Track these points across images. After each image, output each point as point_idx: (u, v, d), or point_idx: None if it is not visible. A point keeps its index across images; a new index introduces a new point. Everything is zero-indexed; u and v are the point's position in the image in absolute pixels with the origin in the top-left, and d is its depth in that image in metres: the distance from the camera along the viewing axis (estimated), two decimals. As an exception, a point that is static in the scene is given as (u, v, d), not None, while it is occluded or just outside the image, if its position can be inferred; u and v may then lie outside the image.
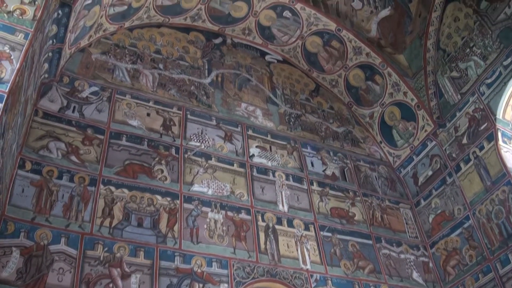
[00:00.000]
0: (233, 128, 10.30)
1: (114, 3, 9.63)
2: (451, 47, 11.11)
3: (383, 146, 12.10)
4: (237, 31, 12.14)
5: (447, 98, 11.08)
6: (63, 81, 8.94)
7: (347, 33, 11.82)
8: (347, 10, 11.90)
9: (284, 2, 11.56)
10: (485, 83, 10.24)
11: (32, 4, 6.54)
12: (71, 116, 8.56)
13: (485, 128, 10.12)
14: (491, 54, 10.20)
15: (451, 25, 11.09)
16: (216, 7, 11.54)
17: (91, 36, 9.69)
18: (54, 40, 8.03)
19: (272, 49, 12.54)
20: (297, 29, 12.07)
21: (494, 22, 10.18)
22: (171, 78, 10.43)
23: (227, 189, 9.12)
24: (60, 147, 8.03)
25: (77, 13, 8.40)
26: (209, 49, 11.63)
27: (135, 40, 10.65)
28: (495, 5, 10.17)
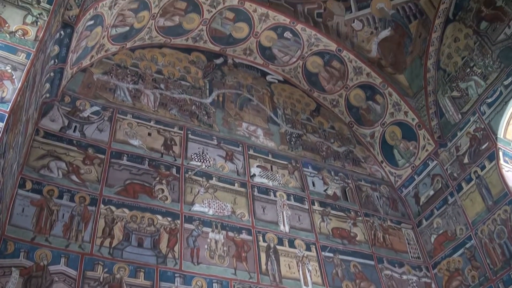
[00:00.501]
0: (234, 147, 10.29)
1: (116, 24, 9.71)
2: (451, 67, 11.14)
3: (385, 166, 12.07)
4: (238, 51, 12.21)
5: (448, 118, 11.08)
6: (65, 101, 8.97)
7: (347, 54, 11.88)
8: (347, 31, 11.98)
9: (284, 23, 11.64)
10: (486, 102, 10.25)
11: (34, 25, 6.60)
12: (72, 135, 8.56)
13: (486, 148, 10.10)
14: (491, 74, 10.22)
15: (451, 45, 11.14)
16: (217, 28, 11.62)
17: (93, 56, 9.74)
18: (56, 60, 8.08)
19: (273, 69, 12.60)
20: (297, 49, 12.14)
21: (494, 42, 10.23)
22: (172, 98, 10.46)
23: (228, 209, 9.08)
24: (61, 166, 8.02)
25: (79, 33, 8.47)
26: (210, 69, 11.68)
27: (136, 61, 10.70)
28: (495, 26, 10.23)
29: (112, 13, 9.26)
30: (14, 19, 6.54)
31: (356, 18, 11.94)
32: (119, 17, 9.64)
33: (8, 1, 6.59)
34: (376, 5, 11.79)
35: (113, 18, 9.44)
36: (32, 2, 6.71)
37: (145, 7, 10.00)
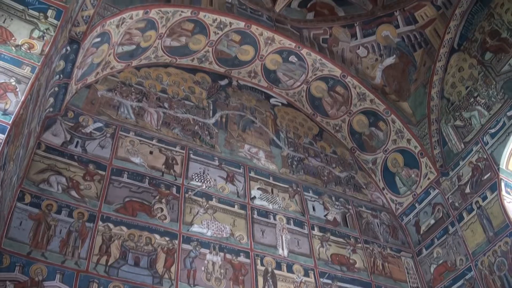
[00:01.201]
0: (235, 169, 10.26)
1: (122, 42, 9.78)
2: (455, 96, 11.16)
3: (386, 193, 12.01)
4: (243, 73, 12.26)
5: (451, 147, 11.06)
6: (68, 116, 8.97)
7: (351, 79, 11.92)
8: (352, 57, 12.05)
9: (290, 47, 11.71)
10: (489, 132, 10.23)
11: (41, 39, 6.63)
12: (73, 151, 8.55)
13: (489, 178, 10.04)
14: (495, 104, 10.23)
15: (455, 75, 11.18)
16: (223, 50, 11.68)
17: (98, 73, 9.78)
18: (61, 75, 8.10)
19: (277, 93, 12.63)
20: (302, 73, 12.19)
21: (498, 73, 10.26)
22: (175, 117, 10.47)
23: (227, 231, 9.00)
24: (60, 181, 7.99)
25: (85, 50, 8.53)
26: (214, 90, 11.72)
27: (141, 79, 10.74)
28: (500, 57, 10.28)
29: (119, 31, 9.33)
30: (21, 32, 6.58)
31: (361, 44, 12.03)
32: (126, 35, 9.70)
33: (16, 15, 6.63)
34: (382, 32, 11.90)
35: (120, 36, 9.51)
36: (40, 17, 6.75)
37: (152, 26, 10.08)
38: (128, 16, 9.22)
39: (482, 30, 10.69)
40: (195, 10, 10.50)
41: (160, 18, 10.03)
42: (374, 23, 11.95)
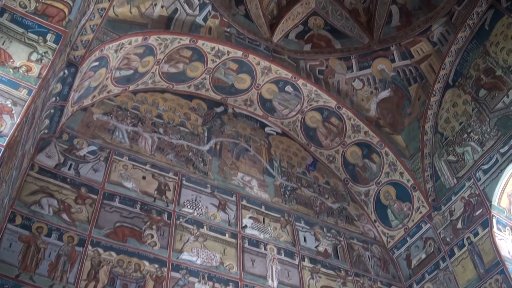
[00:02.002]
0: (228, 197, 10.23)
1: (120, 66, 9.84)
2: (448, 131, 11.24)
3: (378, 225, 11.98)
4: (239, 101, 12.32)
5: (443, 181, 11.09)
6: (62, 138, 8.97)
7: (346, 111, 12.00)
8: (347, 89, 12.17)
9: (286, 77, 11.82)
10: (482, 169, 10.28)
11: (39, 62, 6.66)
12: (66, 173, 8.52)
13: (480, 214, 10.05)
14: (488, 141, 10.30)
15: (449, 110, 11.28)
16: (220, 78, 11.77)
17: (95, 96, 9.82)
18: (57, 97, 8.13)
19: (272, 121, 12.69)
20: (297, 103, 12.27)
21: (492, 110, 10.36)
22: (170, 143, 10.48)
23: (217, 259, 8.92)
24: (52, 203, 7.94)
25: (83, 73, 8.58)
26: (210, 117, 11.76)
27: (138, 103, 10.78)
28: (494, 94, 10.40)
29: (118, 56, 9.40)
30: (19, 55, 6.60)
31: (357, 77, 12.16)
32: (124, 60, 9.78)
33: (15, 37, 6.67)
34: (377, 66, 12.05)
35: (118, 61, 9.58)
36: (39, 40, 6.78)
37: (150, 52, 10.16)
38: (127, 41, 9.31)
39: (477, 67, 10.83)
40: (193, 38, 10.62)
41: (158, 44, 10.13)
42: (370, 57, 12.11)
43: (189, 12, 10.60)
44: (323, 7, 12.41)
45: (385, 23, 12.10)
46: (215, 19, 11.06)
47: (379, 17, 12.10)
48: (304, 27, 12.46)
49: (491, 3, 10.53)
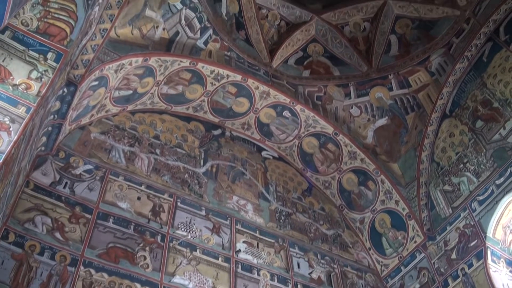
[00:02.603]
0: (222, 220, 10.18)
1: (120, 86, 9.88)
2: (445, 161, 11.27)
3: (372, 253, 11.92)
4: (236, 125, 12.36)
5: (439, 211, 11.07)
6: (59, 156, 8.95)
7: (343, 138, 12.04)
8: (345, 116, 12.22)
9: (285, 102, 11.88)
10: (477, 199, 10.28)
11: (39, 80, 6.68)
12: (61, 191, 8.48)
13: (475, 245, 10.00)
14: (484, 172, 10.32)
15: (446, 140, 11.32)
16: (218, 101, 11.82)
17: (93, 115, 9.84)
18: (55, 115, 8.14)
19: (269, 146, 12.70)
20: (295, 129, 12.30)
21: (488, 141, 10.40)
22: (166, 164, 10.46)
23: (209, 284, 8.81)
24: (46, 222, 7.88)
25: (82, 92, 8.60)
26: (207, 140, 11.77)
27: (135, 124, 10.79)
28: (491, 125, 10.46)
29: (117, 76, 9.45)
30: (20, 72, 6.62)
31: (354, 104, 12.23)
32: (123, 80, 9.82)
33: (16, 55, 6.70)
34: (375, 94, 12.13)
35: (118, 81, 9.62)
36: (39, 58, 6.81)
37: (150, 73, 10.22)
38: (127, 62, 9.36)
39: (475, 99, 10.92)
40: (194, 60, 10.69)
41: (159, 66, 10.19)
42: (368, 84, 12.21)
43: (190, 35, 10.69)
44: (323, 35, 12.54)
45: (384, 52, 12.24)
46: (215, 43, 11.15)
47: (378, 46, 12.24)
48: (304, 54, 12.58)
49: (490, 36, 10.68)
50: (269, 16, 12.30)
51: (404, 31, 12.05)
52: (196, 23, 10.73)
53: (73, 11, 7.14)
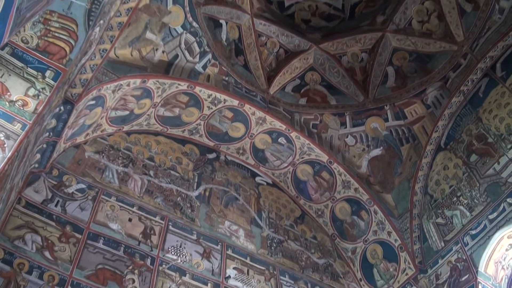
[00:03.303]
0: (213, 245, 10.09)
1: (116, 107, 9.89)
2: (438, 194, 11.27)
3: (363, 284, 11.81)
4: (231, 149, 12.36)
5: (431, 244, 11.03)
6: (52, 174, 8.91)
7: (338, 166, 12.04)
8: (340, 145, 12.25)
9: (280, 129, 11.90)
10: (470, 233, 10.25)
11: (36, 98, 6.68)
12: (53, 210, 8.41)
13: (466, 280, 9.94)
14: (477, 206, 10.32)
15: (440, 173, 11.35)
16: (215, 125, 11.84)
17: (88, 134, 9.82)
18: (51, 133, 8.12)
19: (263, 171, 12.69)
20: (290, 155, 12.31)
21: (482, 175, 10.43)
22: (159, 187, 10.42)
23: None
24: (36, 240, 7.80)
25: (79, 111, 8.60)
26: (201, 163, 11.76)
27: (130, 144, 10.77)
28: (485, 160, 10.49)
29: (115, 97, 9.47)
30: (17, 89, 6.61)
31: (350, 133, 12.27)
32: (120, 101, 9.84)
33: (14, 71, 6.70)
34: (371, 124, 12.19)
35: (115, 101, 9.64)
36: (38, 76, 6.81)
37: (148, 95, 10.25)
38: (125, 83, 9.39)
39: (470, 133, 10.98)
40: (192, 84, 10.73)
41: (156, 88, 10.22)
42: (364, 114, 12.28)
43: (189, 59, 10.76)
44: (321, 64, 12.67)
45: (381, 83, 12.37)
46: (214, 67, 11.23)
47: (375, 77, 12.37)
48: (301, 81, 12.70)
49: (486, 71, 10.80)
50: (268, 43, 12.45)
51: (401, 63, 12.19)
52: (195, 47, 10.82)
53: (74, 31, 7.18)
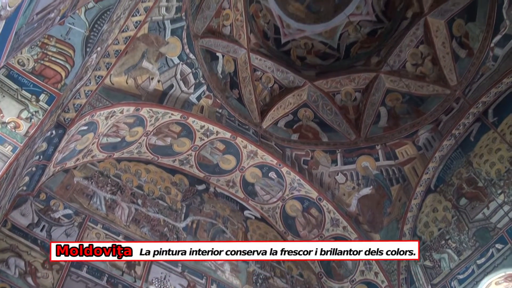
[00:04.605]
0: (198, 279, 9.93)
1: (108, 133, 9.86)
2: (427, 236, 11.23)
3: (348, 325, 11.68)
4: (221, 181, 12.30)
5: (418, 287, 10.93)
6: (40, 197, 8.81)
7: (327, 204, 12.00)
8: (330, 182, 12.23)
9: (271, 163, 11.89)
10: (457, 278, 10.18)
11: (28, 121, 6.65)
12: (38, 234, 8.29)
13: (453, 325, 9.87)
14: (465, 250, 10.28)
15: (429, 215, 11.34)
16: (206, 156, 11.81)
17: (79, 159, 9.75)
18: (41, 156, 8.06)
19: (252, 205, 12.61)
20: (279, 190, 12.27)
21: (471, 220, 10.42)
22: (146, 216, 10.31)
23: None
24: (19, 265, 7.67)
25: (70, 136, 8.56)
26: (190, 194, 11.68)
27: (120, 172, 10.70)
28: (475, 204, 10.50)
29: (107, 123, 9.44)
30: (10, 111, 6.60)
31: (340, 171, 12.28)
32: (113, 127, 9.81)
33: (9, 93, 6.69)
34: (362, 163, 12.22)
35: (107, 127, 9.61)
36: (32, 99, 6.81)
37: (140, 123, 10.24)
38: (119, 110, 9.39)
39: (460, 176, 11.02)
40: (185, 114, 10.75)
41: (150, 116, 10.22)
42: (355, 153, 12.33)
43: (184, 89, 10.81)
44: (314, 101, 12.77)
45: (373, 122, 12.46)
46: (208, 99, 11.28)
47: (368, 116, 12.46)
48: (294, 117, 12.78)
49: (478, 116, 10.92)
50: (263, 78, 12.56)
51: (394, 104, 12.32)
52: (191, 78, 10.88)
53: (71, 56, 7.21)
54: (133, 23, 9.05)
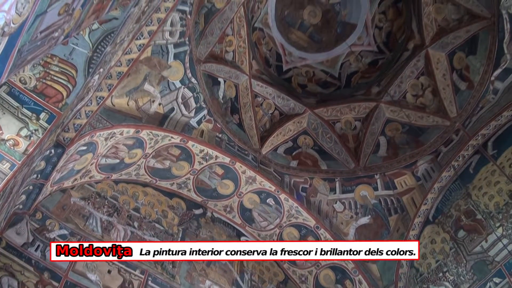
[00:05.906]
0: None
1: (107, 154, 9.86)
2: (424, 268, 11.14)
3: None
4: (219, 206, 12.24)
5: (415, 320, 10.83)
6: (36, 217, 8.77)
7: (324, 232, 11.92)
8: (328, 210, 12.18)
9: (270, 190, 11.85)
10: (454, 312, 10.09)
11: (28, 139, 6.65)
12: (32, 254, 8.23)
13: None
14: (463, 284, 10.18)
15: (427, 246, 11.25)
16: (204, 180, 11.77)
17: (76, 179, 9.73)
18: (39, 175, 8.03)
19: (249, 231, 12.52)
20: (277, 217, 12.20)
21: (469, 252, 10.34)
22: (142, 239, 10.24)
23: None
24: (12, 284, 7.60)
25: (69, 155, 8.55)
26: (187, 218, 11.62)
27: (117, 193, 10.67)
28: (473, 236, 10.43)
29: (107, 144, 9.45)
30: (10, 128, 6.60)
31: (339, 200, 12.24)
32: (112, 149, 9.81)
33: (9, 110, 6.70)
34: (360, 192, 12.19)
35: (107, 148, 9.62)
36: (32, 117, 6.82)
37: (140, 145, 10.24)
38: (119, 132, 9.40)
39: (459, 208, 10.97)
40: (185, 138, 10.76)
41: (149, 139, 10.23)
42: (354, 182, 12.30)
43: (184, 113, 10.84)
44: (314, 128, 12.81)
45: (372, 152, 12.47)
46: (209, 123, 11.31)
47: (367, 145, 12.48)
48: (293, 144, 12.79)
49: (478, 149, 10.92)
50: (264, 104, 12.61)
51: (394, 134, 12.35)
52: (192, 102, 10.93)
53: (73, 76, 7.24)
54: (136, 46, 9.14)
